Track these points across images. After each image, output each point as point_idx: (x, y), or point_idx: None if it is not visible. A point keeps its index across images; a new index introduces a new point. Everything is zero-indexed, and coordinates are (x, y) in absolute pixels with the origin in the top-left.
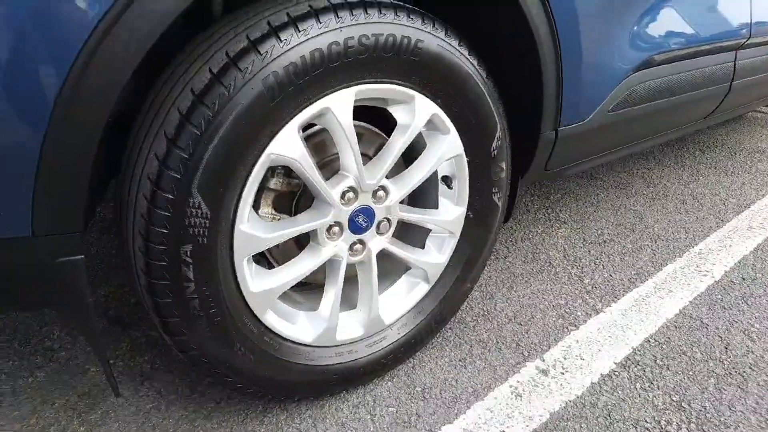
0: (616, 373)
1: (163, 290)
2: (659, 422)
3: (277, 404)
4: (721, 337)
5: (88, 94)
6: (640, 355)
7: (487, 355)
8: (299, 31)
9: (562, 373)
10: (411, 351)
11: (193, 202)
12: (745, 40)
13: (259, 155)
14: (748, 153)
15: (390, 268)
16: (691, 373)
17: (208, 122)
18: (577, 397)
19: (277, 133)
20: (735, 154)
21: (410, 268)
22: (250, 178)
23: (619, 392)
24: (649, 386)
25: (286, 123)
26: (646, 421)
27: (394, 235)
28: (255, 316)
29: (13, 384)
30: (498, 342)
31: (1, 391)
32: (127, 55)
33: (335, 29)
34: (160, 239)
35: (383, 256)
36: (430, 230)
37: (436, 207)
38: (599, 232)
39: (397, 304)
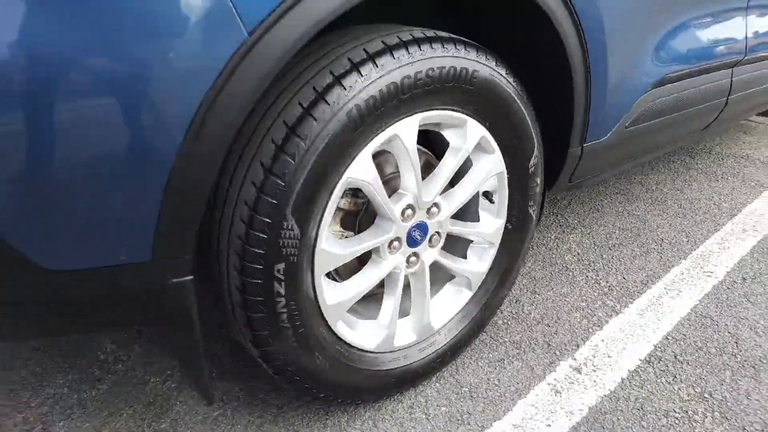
0: (642, 369)
1: (256, 306)
2: (686, 412)
3: (337, 407)
4: (730, 333)
5: (208, 139)
6: (661, 351)
7: (522, 355)
8: (377, 66)
9: (594, 370)
10: (456, 354)
11: (287, 225)
12: (741, 58)
13: (339, 179)
14: (735, 159)
15: (435, 277)
16: (708, 366)
17: (302, 152)
18: (611, 392)
19: (354, 158)
20: (722, 159)
21: (454, 277)
22: (331, 201)
23: (648, 386)
24: (673, 380)
25: (363, 149)
26: (675, 412)
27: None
28: (329, 326)
29: (78, 396)
30: (530, 343)
31: (69, 403)
32: (245, 101)
33: (407, 64)
34: (256, 259)
35: (431, 266)
36: (472, 241)
37: (476, 220)
38: (608, 236)
39: (444, 310)
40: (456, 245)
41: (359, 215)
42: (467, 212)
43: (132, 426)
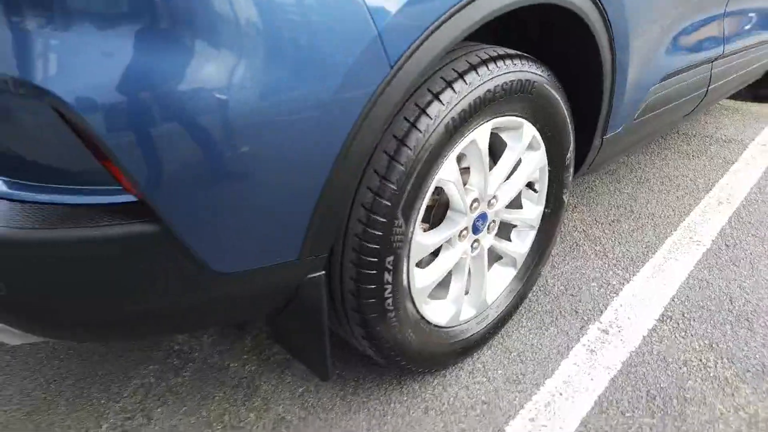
0: (659, 327)
1: (368, 293)
2: (701, 360)
3: (408, 377)
4: (724, 293)
5: (353, 157)
6: (671, 311)
7: (556, 322)
8: (466, 83)
9: (619, 331)
10: (503, 325)
11: (397, 223)
12: (720, 54)
13: (433, 180)
14: (700, 138)
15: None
16: (711, 321)
17: (411, 160)
18: (636, 348)
19: (444, 162)
20: (690, 139)
21: (501, 257)
22: (425, 199)
23: (666, 341)
24: (684, 335)
25: (451, 154)
26: (691, 361)
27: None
28: (416, 307)
29: (166, 384)
30: (561, 311)
31: (160, 391)
32: (381, 123)
33: (488, 79)
34: (372, 253)
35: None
36: (515, 226)
37: (519, 207)
38: (606, 213)
39: (494, 287)
40: (501, 229)
41: (433, 209)
42: (512, 201)
43: (227, 406)
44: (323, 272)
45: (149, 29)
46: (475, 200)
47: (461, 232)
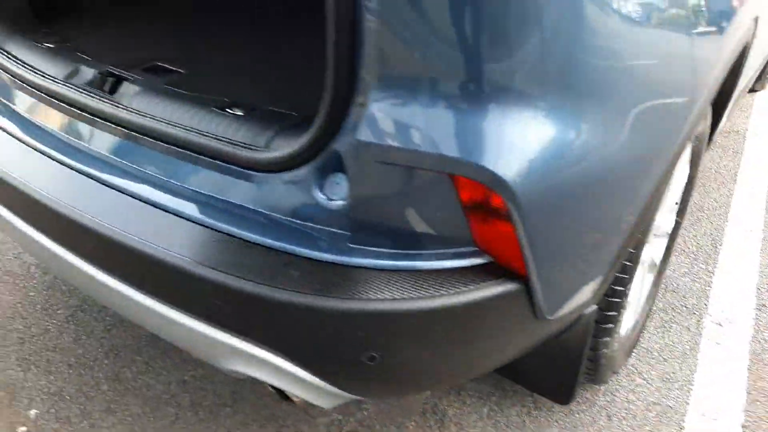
0: (760, 315)
1: (609, 319)
2: None
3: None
4: None
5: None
6: (763, 300)
7: (674, 319)
8: None
9: (730, 322)
10: (644, 327)
11: (642, 250)
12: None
13: None
14: None
15: None
16: None
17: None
18: (752, 336)
19: None
20: None
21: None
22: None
23: None
24: None
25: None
26: None
27: None
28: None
29: (354, 419)
30: (672, 308)
31: (351, 428)
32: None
33: None
34: (621, 282)
35: None
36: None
37: None
38: None
39: (641, 292)
40: None
41: None
42: None
43: (429, 424)
44: (596, 306)
45: (544, 106)
46: None
47: None
